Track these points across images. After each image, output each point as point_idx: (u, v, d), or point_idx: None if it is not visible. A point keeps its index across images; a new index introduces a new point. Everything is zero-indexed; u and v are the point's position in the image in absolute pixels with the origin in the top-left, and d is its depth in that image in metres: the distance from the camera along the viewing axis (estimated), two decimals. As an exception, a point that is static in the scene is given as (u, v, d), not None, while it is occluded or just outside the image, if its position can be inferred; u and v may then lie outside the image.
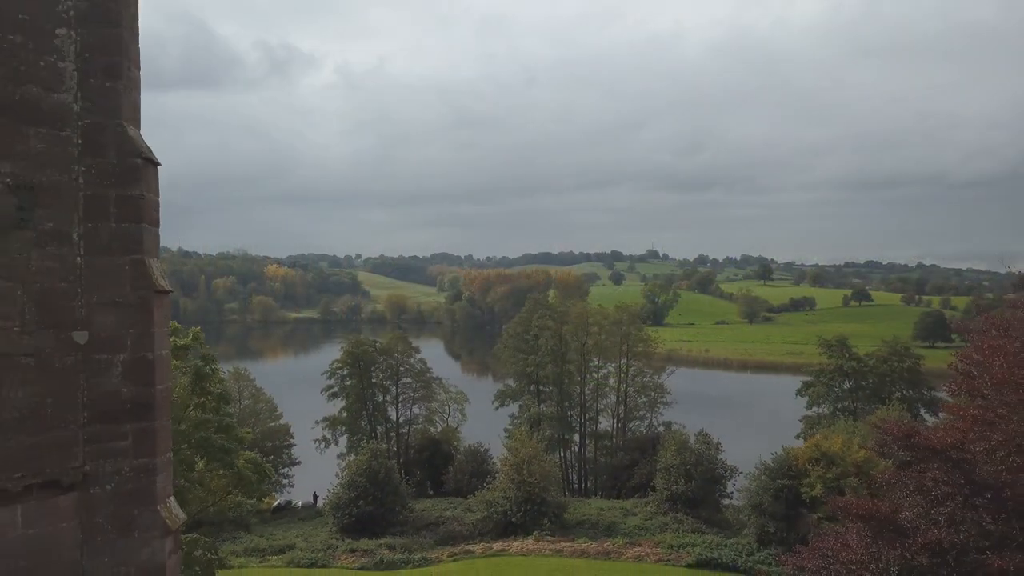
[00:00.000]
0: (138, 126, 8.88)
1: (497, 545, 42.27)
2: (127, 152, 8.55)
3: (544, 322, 71.30)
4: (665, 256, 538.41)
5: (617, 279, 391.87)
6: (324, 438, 67.26)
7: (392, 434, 69.08)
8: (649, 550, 40.72)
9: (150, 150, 8.84)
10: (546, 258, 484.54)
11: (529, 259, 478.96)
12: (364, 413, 68.46)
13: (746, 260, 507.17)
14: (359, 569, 39.15)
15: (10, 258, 7.82)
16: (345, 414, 68.01)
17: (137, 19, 8.93)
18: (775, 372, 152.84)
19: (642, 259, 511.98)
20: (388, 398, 70.47)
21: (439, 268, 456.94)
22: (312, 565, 39.59)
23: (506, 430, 65.93)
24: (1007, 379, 16.46)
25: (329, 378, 69.07)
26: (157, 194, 9.01)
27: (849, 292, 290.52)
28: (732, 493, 51.24)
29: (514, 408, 73.56)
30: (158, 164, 8.96)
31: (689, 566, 38.72)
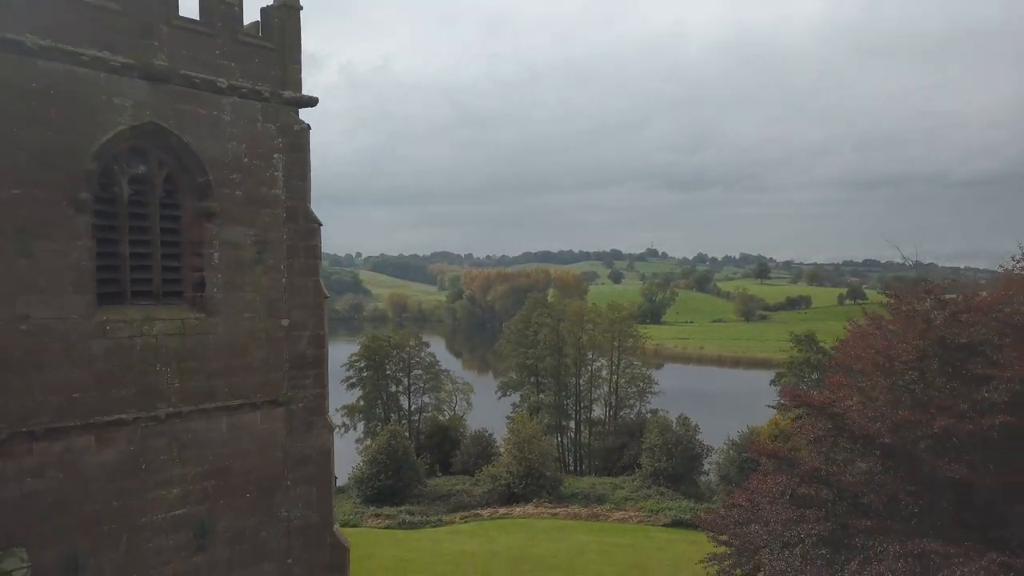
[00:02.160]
0: (310, 203, 15.69)
1: (502, 510, 49.12)
2: (309, 220, 15.43)
3: (543, 319, 78.12)
4: (664, 255, 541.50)
5: (616, 278, 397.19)
6: (343, 424, 73.95)
7: (404, 421, 75.72)
8: (632, 514, 47.58)
9: (318, 218, 15.66)
10: (545, 257, 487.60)
11: (529, 258, 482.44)
12: (379, 402, 75.26)
13: (745, 259, 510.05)
14: (385, 528, 45.98)
15: (255, 280, 14.68)
16: (362, 403, 74.79)
17: (309, 143, 15.72)
18: (765, 368, 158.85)
19: (641, 258, 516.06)
20: (401, 388, 77.25)
21: (439, 267, 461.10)
22: (344, 525, 46.38)
23: (508, 417, 72.64)
24: (861, 356, 23.33)
25: (348, 370, 75.77)
26: (320, 241, 15.81)
27: (844, 291, 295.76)
28: (708, 470, 58.09)
29: (515, 398, 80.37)
30: (321, 225, 15.77)
31: (665, 525, 45.58)
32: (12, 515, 11.61)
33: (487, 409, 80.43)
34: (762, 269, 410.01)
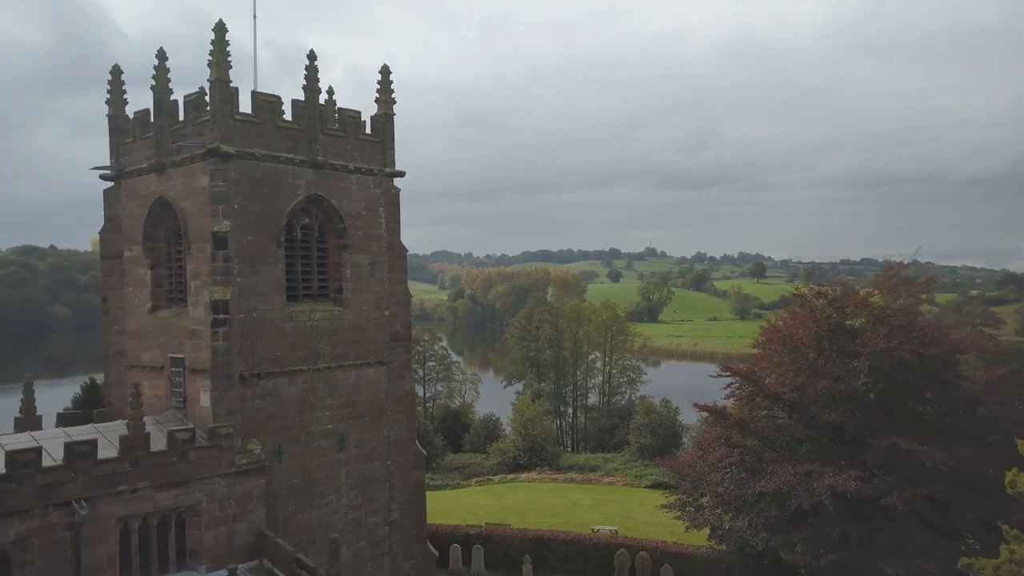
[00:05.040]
0: (400, 237, 24.66)
1: (510, 476, 58.24)
2: (400, 248, 24.58)
3: (543, 316, 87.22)
4: (663, 254, 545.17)
5: (615, 277, 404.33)
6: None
7: (419, 407, 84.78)
8: (619, 478, 56.67)
9: (405, 246, 24.70)
10: (545, 256, 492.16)
11: (528, 257, 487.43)
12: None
13: (743, 258, 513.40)
14: (413, 489, 54.98)
15: (369, 287, 23.75)
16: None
17: (399, 200, 24.71)
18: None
19: (640, 257, 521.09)
20: (416, 377, 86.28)
21: (439, 266, 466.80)
22: (379, 487, 55.43)
23: (512, 404, 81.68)
24: (774, 339, 32.47)
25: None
26: (407, 260, 24.81)
27: (839, 288, 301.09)
28: (687, 444, 67.06)
29: (519, 387, 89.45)
30: (408, 251, 24.78)
31: (647, 487, 54.64)
32: (249, 420, 20.64)
33: (490, 401, 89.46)
34: (758, 268, 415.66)
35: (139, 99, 23.77)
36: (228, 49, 20.39)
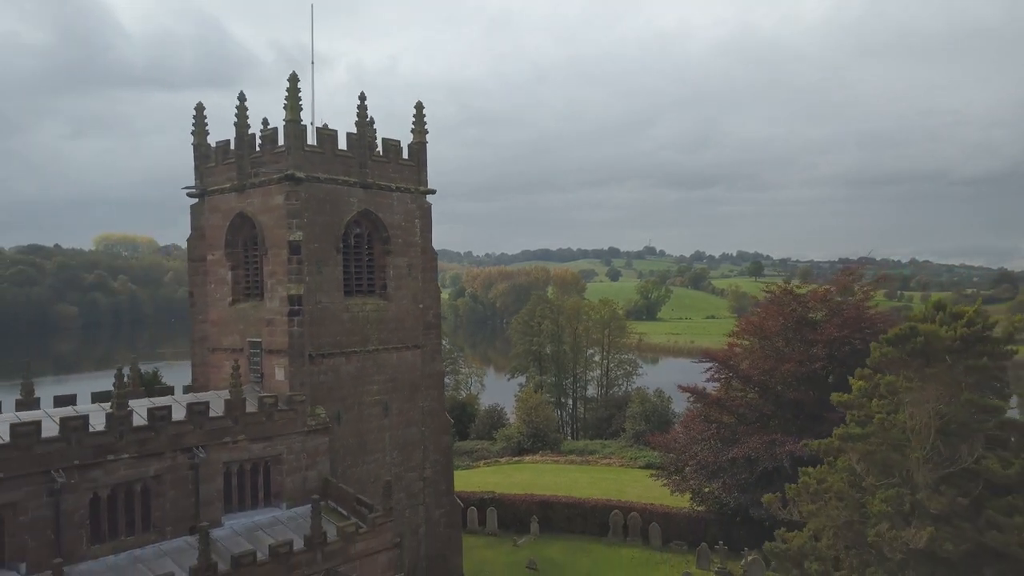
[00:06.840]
0: (432, 243, 29.87)
1: (515, 459, 63.44)
2: (431, 253, 29.92)
3: (544, 313, 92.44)
4: (662, 253, 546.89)
5: (614, 276, 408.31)
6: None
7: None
8: (615, 460, 61.91)
9: (435, 250, 29.91)
10: (544, 255, 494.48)
11: (528, 256, 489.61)
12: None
13: (742, 256, 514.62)
14: (427, 470, 60.18)
15: (407, 284, 28.98)
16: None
17: (431, 213, 29.93)
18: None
19: (639, 256, 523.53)
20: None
21: (440, 265, 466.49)
22: (396, 468, 60.64)
23: (516, 396, 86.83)
24: (747, 329, 37.76)
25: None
26: (437, 262, 29.98)
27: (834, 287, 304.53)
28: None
29: (521, 379, 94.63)
30: (437, 254, 29.96)
31: (641, 467, 59.85)
32: (315, 391, 25.84)
33: (492, 396, 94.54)
34: (756, 267, 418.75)
35: (138, 99, 28.94)
36: (300, 95, 25.59)
